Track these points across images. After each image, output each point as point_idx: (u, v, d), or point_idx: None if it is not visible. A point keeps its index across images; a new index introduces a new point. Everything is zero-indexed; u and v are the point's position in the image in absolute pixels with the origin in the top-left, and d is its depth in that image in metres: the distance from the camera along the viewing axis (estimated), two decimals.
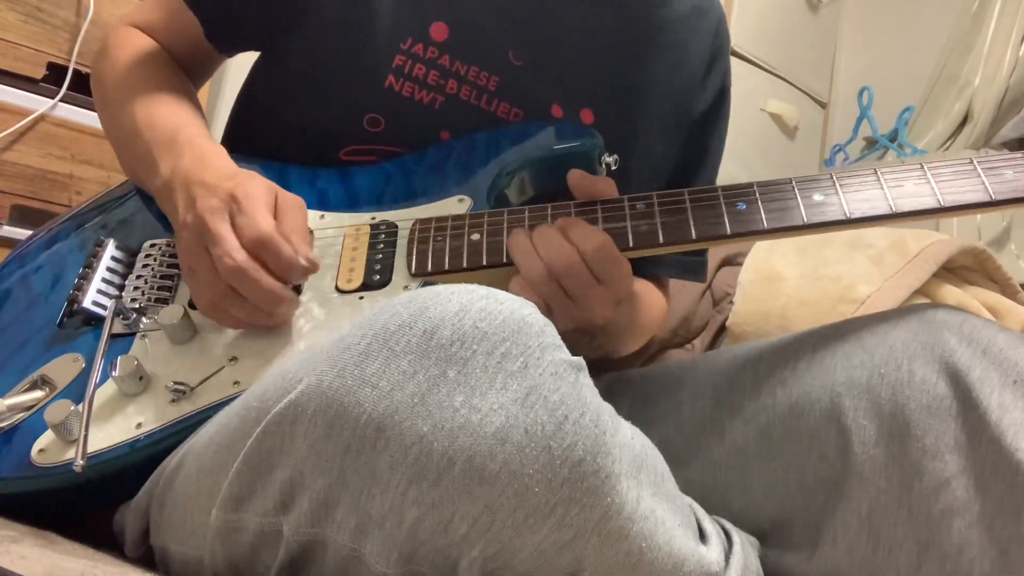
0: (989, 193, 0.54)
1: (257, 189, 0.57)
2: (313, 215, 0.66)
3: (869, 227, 0.56)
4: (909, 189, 0.55)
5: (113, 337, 0.60)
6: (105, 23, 1.34)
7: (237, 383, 0.56)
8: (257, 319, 0.57)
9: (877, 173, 0.56)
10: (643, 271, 0.81)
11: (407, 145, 0.70)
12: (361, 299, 0.60)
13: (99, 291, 0.63)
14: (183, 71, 0.76)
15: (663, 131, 0.78)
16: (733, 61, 1.03)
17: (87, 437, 0.52)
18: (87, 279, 0.64)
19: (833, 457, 0.52)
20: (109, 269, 0.65)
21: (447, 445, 0.37)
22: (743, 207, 0.58)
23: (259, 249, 0.55)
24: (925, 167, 0.56)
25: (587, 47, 0.74)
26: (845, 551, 0.50)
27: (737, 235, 0.57)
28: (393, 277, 0.61)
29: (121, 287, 0.64)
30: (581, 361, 0.41)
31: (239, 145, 0.70)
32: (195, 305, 0.61)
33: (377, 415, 0.38)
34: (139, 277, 0.65)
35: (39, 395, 0.57)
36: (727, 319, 1.24)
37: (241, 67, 0.79)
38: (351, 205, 0.68)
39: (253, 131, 0.76)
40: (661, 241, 0.58)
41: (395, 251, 0.63)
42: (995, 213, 1.60)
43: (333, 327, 0.59)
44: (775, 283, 1.22)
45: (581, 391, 0.39)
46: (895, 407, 0.50)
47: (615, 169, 0.70)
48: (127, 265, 0.66)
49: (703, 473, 0.59)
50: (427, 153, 0.70)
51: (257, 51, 0.77)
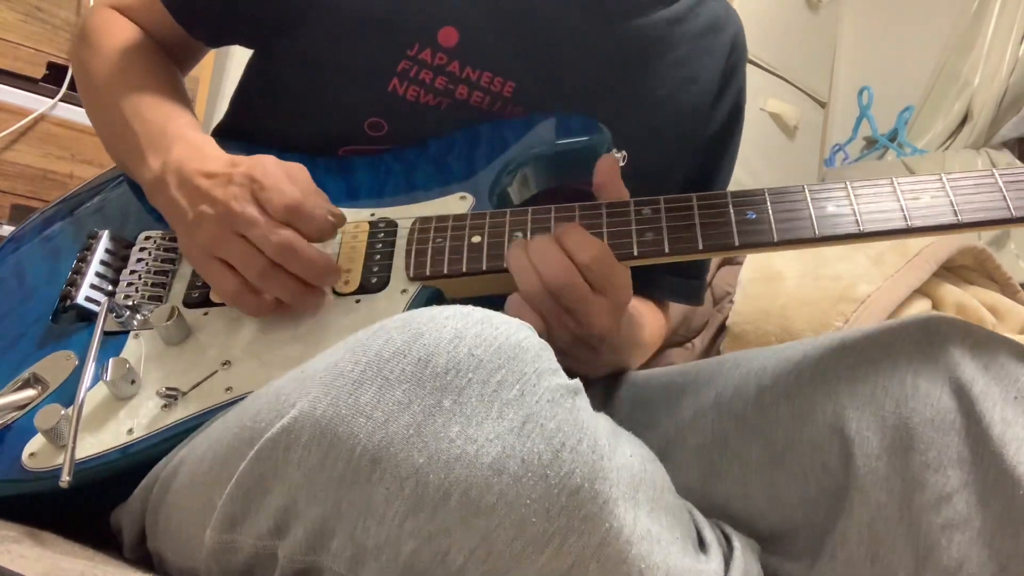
0: (1010, 209, 0.51)
1: (269, 163, 0.57)
2: None
3: (882, 240, 0.54)
4: (926, 201, 0.53)
5: (106, 335, 0.59)
6: None
7: (229, 389, 0.55)
8: (303, 295, 0.56)
9: (894, 183, 0.54)
10: (642, 293, 0.80)
11: None
12: (358, 302, 0.59)
13: (92, 286, 0.62)
14: (168, 56, 0.74)
15: (666, 150, 0.76)
16: None
17: (75, 448, 0.50)
18: (80, 273, 0.63)
19: (836, 468, 0.51)
20: (103, 263, 0.64)
21: (443, 477, 0.36)
22: (752, 215, 0.56)
23: (293, 218, 0.55)
24: (944, 179, 0.53)
25: (593, 60, 0.72)
26: (844, 562, 0.50)
27: (745, 247, 0.55)
28: (391, 280, 0.60)
29: (115, 282, 0.64)
30: (578, 384, 0.41)
31: (234, 140, 0.69)
32: (190, 303, 0.61)
33: (372, 446, 0.37)
34: (133, 272, 0.64)
35: (31, 394, 0.56)
36: (727, 318, 1.23)
37: (243, 63, 0.78)
38: (350, 198, 0.66)
39: (250, 131, 0.74)
40: (667, 251, 0.57)
41: (393, 252, 0.61)
42: None
43: (329, 331, 0.58)
44: (775, 282, 1.22)
45: (578, 416, 0.39)
46: (899, 420, 0.49)
47: (622, 166, 0.69)
48: (121, 259, 0.65)
49: (704, 481, 0.58)
50: (429, 145, 0.69)
51: (246, 47, 0.75)
